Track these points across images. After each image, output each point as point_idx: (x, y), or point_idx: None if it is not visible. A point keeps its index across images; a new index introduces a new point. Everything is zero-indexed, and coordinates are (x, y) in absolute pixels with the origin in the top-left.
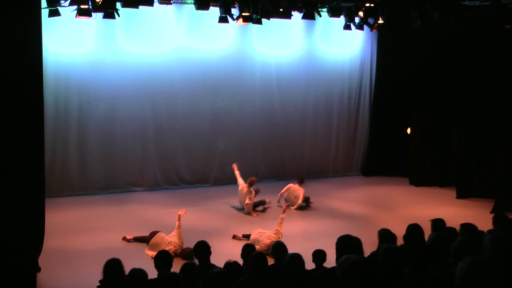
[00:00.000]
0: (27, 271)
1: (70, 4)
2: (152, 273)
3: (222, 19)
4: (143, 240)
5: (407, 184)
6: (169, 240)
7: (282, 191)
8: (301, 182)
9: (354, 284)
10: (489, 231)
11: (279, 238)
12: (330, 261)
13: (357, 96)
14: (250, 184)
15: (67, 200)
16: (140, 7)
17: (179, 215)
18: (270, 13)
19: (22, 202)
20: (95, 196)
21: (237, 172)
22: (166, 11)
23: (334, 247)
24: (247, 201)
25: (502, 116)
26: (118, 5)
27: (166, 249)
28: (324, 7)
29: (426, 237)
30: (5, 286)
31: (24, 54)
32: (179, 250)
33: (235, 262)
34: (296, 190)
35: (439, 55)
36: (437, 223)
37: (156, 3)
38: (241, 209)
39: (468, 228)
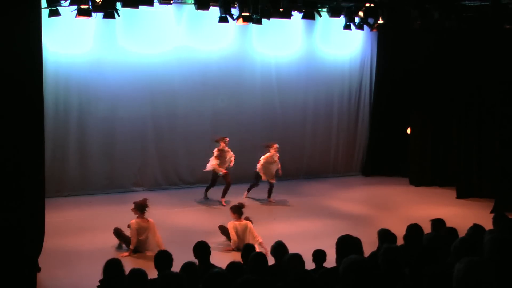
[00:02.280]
0: (27, 271)
1: (70, 4)
2: (152, 273)
3: (222, 19)
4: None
5: (407, 184)
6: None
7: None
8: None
9: (354, 284)
10: (489, 231)
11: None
12: (330, 261)
13: (357, 96)
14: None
15: (67, 200)
16: (140, 7)
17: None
18: (270, 13)
19: (22, 202)
20: (95, 196)
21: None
22: (166, 11)
23: (334, 247)
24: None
25: (502, 116)
26: (118, 5)
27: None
28: (324, 7)
29: None
30: (5, 286)
31: (24, 54)
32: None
33: (238, 263)
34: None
35: (439, 55)
36: (437, 223)
37: (156, 3)
38: None
39: (476, 229)
